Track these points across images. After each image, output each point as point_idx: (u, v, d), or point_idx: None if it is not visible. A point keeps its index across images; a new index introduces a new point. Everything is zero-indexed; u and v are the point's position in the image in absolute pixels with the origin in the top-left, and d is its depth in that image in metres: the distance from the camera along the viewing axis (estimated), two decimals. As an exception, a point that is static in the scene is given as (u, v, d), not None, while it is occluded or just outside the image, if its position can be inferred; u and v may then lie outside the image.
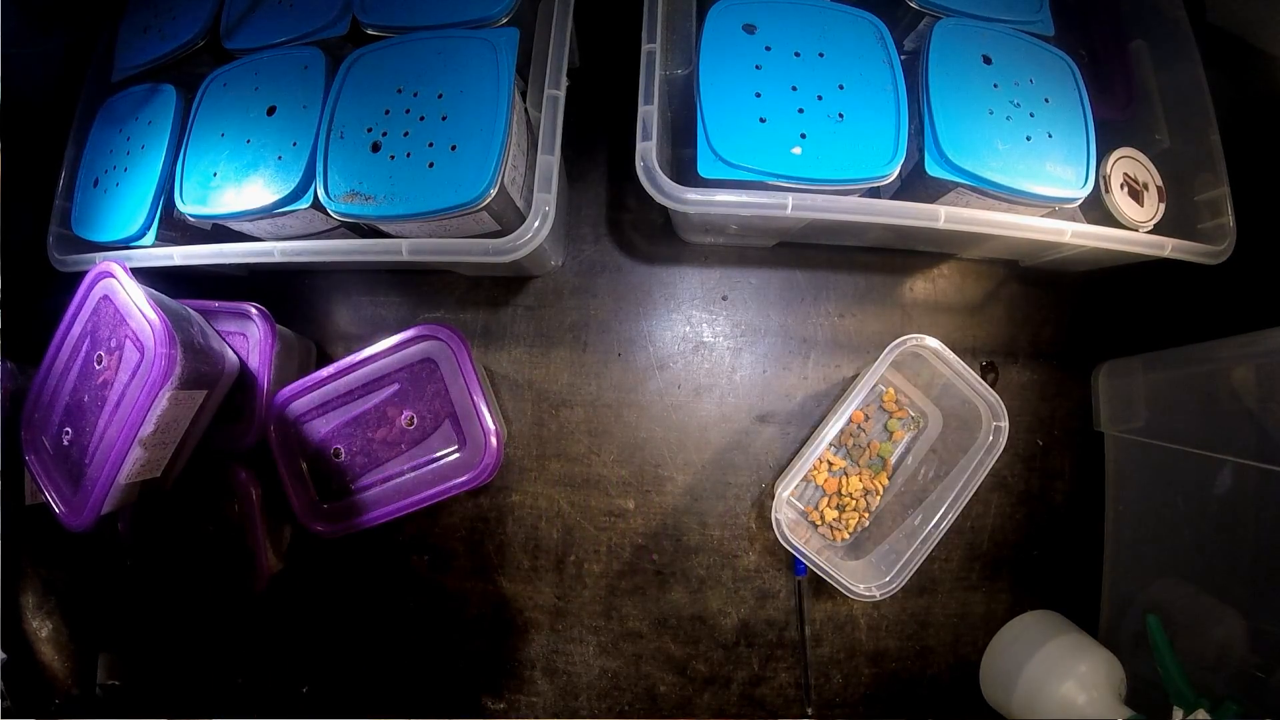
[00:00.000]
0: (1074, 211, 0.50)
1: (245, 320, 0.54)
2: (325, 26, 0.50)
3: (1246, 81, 0.59)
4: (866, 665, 0.60)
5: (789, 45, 0.46)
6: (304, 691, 0.60)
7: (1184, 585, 0.52)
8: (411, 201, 0.44)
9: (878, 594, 0.50)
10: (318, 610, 0.60)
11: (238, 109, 0.50)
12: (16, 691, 0.48)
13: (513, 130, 0.45)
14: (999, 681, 0.57)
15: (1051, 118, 0.47)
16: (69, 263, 0.53)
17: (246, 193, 0.47)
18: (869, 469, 0.58)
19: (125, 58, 0.56)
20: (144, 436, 0.44)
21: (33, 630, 0.50)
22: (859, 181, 0.45)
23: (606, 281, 0.61)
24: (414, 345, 0.53)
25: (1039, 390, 0.61)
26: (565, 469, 0.60)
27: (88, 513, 0.45)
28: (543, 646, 0.59)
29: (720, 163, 0.44)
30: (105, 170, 0.54)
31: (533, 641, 0.59)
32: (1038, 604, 0.60)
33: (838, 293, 0.61)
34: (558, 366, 0.60)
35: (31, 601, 0.51)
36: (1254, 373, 0.48)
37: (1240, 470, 0.48)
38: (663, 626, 0.59)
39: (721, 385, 0.60)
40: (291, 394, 0.53)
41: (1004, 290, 0.62)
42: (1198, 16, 0.56)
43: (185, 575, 0.55)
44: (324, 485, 0.53)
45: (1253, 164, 0.52)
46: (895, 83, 0.46)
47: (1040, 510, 0.61)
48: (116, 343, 0.46)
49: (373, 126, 0.46)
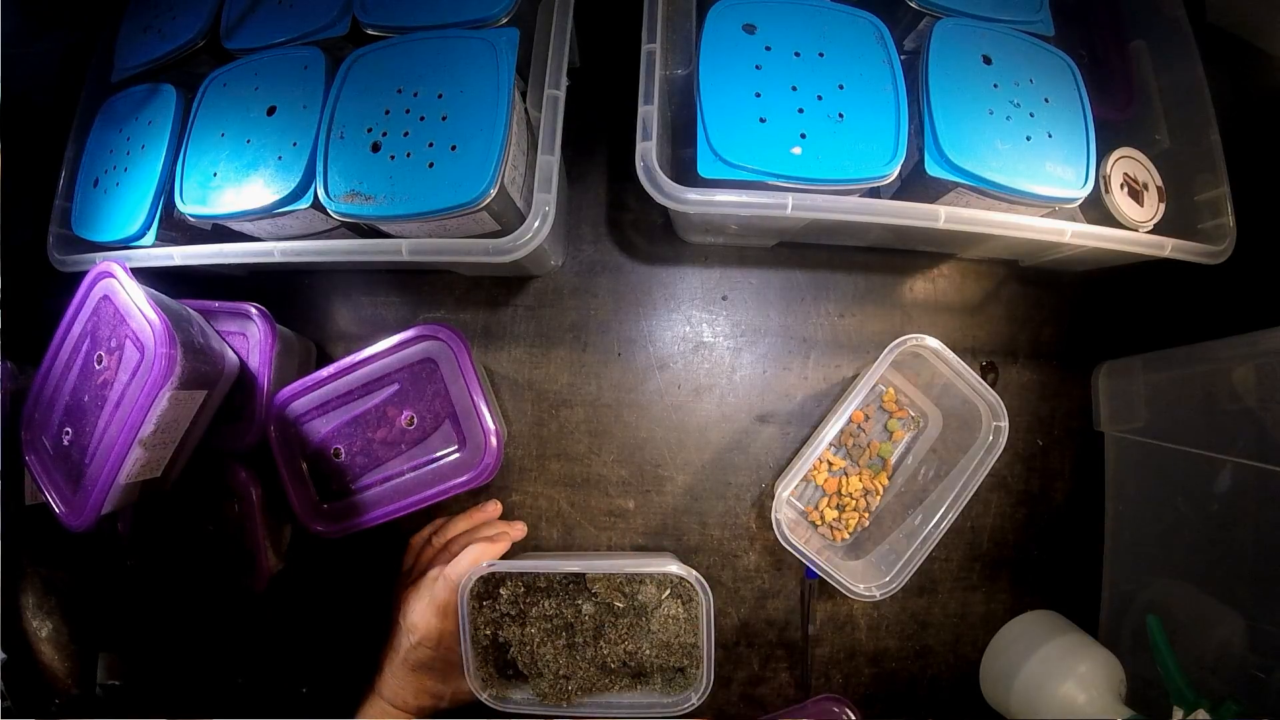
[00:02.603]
0: (1074, 211, 0.50)
1: (245, 320, 0.54)
2: (325, 26, 0.50)
3: (1246, 81, 0.59)
4: (866, 665, 0.60)
5: (789, 45, 0.46)
6: (304, 691, 0.60)
7: (1184, 585, 0.53)
8: (411, 201, 0.44)
9: (878, 594, 0.50)
10: (318, 610, 0.60)
11: (238, 109, 0.50)
12: (16, 691, 0.48)
13: (513, 130, 0.45)
14: (999, 681, 0.57)
15: (1051, 118, 0.47)
16: (69, 263, 0.53)
17: (246, 193, 0.47)
18: (869, 469, 0.58)
19: (125, 58, 0.56)
20: (144, 436, 0.44)
21: (33, 630, 0.50)
22: (859, 181, 0.45)
23: (606, 281, 0.61)
24: (414, 345, 0.53)
25: (1039, 390, 0.61)
26: (565, 469, 0.60)
27: (88, 513, 0.45)
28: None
29: (720, 163, 0.44)
30: (105, 170, 0.54)
31: (533, 641, 0.59)
32: (1038, 604, 0.60)
33: (838, 293, 0.61)
34: (558, 366, 0.60)
35: (31, 601, 0.50)
36: (1254, 373, 0.48)
37: (1240, 470, 0.48)
38: (663, 626, 0.59)
39: (721, 385, 0.60)
40: (291, 394, 0.53)
41: (1004, 290, 0.62)
42: (1198, 16, 0.56)
43: (185, 575, 0.55)
44: (324, 485, 0.53)
45: (1253, 164, 0.52)
46: (895, 83, 0.46)
47: (1040, 510, 0.61)
48: (116, 343, 0.46)
49: (373, 126, 0.46)
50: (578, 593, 0.48)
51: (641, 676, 0.48)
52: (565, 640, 0.47)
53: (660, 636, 0.47)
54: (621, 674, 0.47)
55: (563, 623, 0.47)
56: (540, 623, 0.47)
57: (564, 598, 0.48)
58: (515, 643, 0.47)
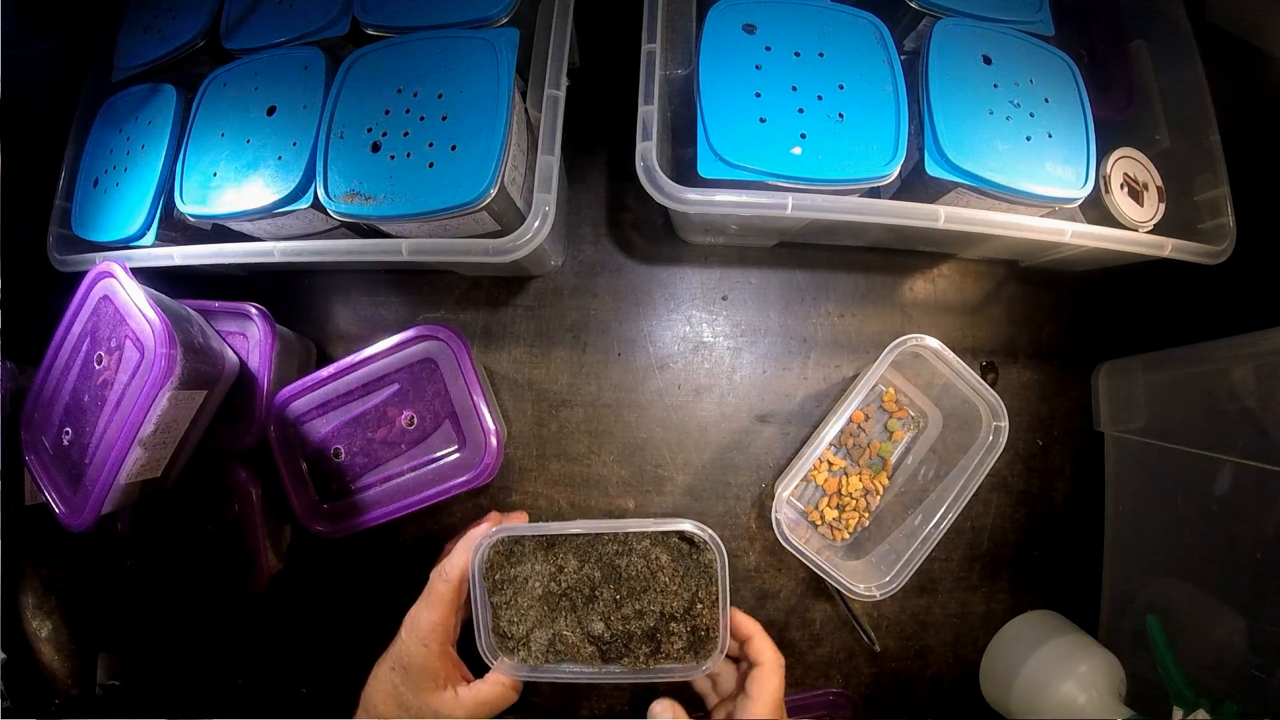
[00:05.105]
0: (1074, 211, 0.50)
1: (245, 320, 0.54)
2: (325, 26, 0.50)
3: (1246, 81, 0.59)
4: (866, 665, 0.60)
5: (789, 45, 0.46)
6: (304, 691, 0.60)
7: (1184, 585, 0.53)
8: (411, 201, 0.44)
9: (878, 594, 0.50)
10: (318, 610, 0.60)
11: (238, 109, 0.50)
12: (16, 691, 0.48)
13: (513, 130, 0.45)
14: (999, 681, 0.57)
15: (1051, 118, 0.47)
16: (69, 263, 0.53)
17: (246, 193, 0.47)
18: (869, 469, 0.58)
19: (125, 58, 0.56)
20: (144, 436, 0.44)
21: (33, 630, 0.50)
22: (859, 181, 0.45)
23: (606, 281, 0.61)
24: (414, 345, 0.53)
25: (1039, 390, 0.61)
26: (565, 469, 0.60)
27: (88, 513, 0.45)
28: (543, 646, 0.59)
29: (720, 163, 0.44)
30: (105, 170, 0.54)
31: (533, 641, 0.59)
32: (1038, 604, 0.60)
33: (838, 293, 0.61)
34: (558, 366, 0.60)
35: (31, 601, 0.50)
36: (1254, 373, 0.48)
37: (1240, 470, 0.48)
38: (663, 626, 0.59)
39: (721, 385, 0.60)
40: (291, 394, 0.53)
41: (1004, 290, 0.62)
42: (1198, 16, 0.56)
43: (185, 575, 0.55)
44: (324, 485, 0.53)
45: (1253, 164, 0.52)
46: (895, 83, 0.46)
47: (1040, 510, 0.61)
48: (116, 343, 0.46)
49: (373, 126, 0.46)
50: (585, 554, 0.46)
51: (651, 641, 0.46)
52: (569, 603, 0.46)
53: (665, 600, 0.45)
54: (624, 640, 0.46)
55: (566, 584, 0.46)
56: (545, 583, 0.45)
57: (570, 559, 0.46)
58: (515, 606, 0.45)
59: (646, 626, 0.45)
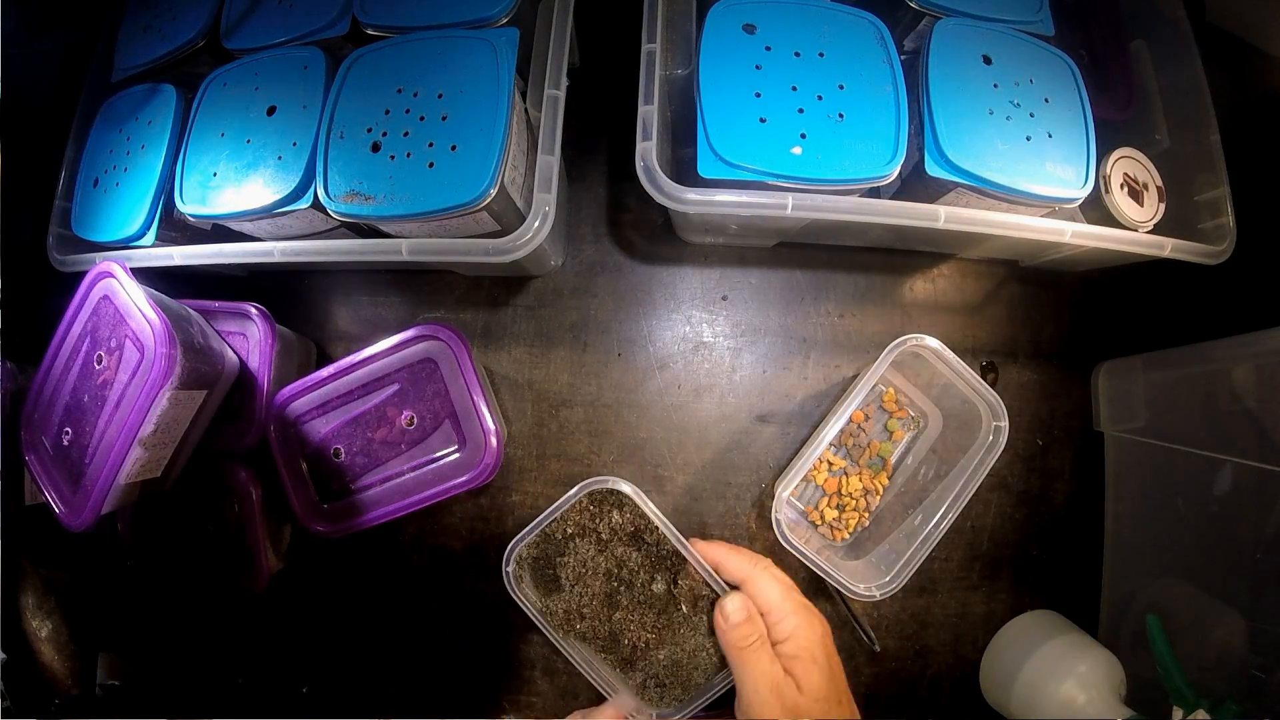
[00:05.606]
0: (1074, 211, 0.50)
1: (245, 320, 0.54)
2: (325, 26, 0.50)
3: (1246, 81, 0.59)
4: (866, 665, 0.60)
5: (789, 45, 0.46)
6: (304, 691, 0.60)
7: (1184, 585, 0.52)
8: (411, 201, 0.44)
9: (878, 594, 0.50)
10: (318, 610, 0.60)
11: (238, 109, 0.50)
12: (16, 691, 0.48)
13: (513, 130, 0.45)
14: (999, 681, 0.57)
15: (1051, 118, 0.47)
16: (69, 263, 0.53)
17: (246, 193, 0.47)
18: (869, 469, 0.58)
19: (125, 58, 0.56)
20: (144, 436, 0.44)
21: (33, 630, 0.50)
22: (859, 181, 0.45)
23: (606, 281, 0.61)
24: (414, 345, 0.53)
25: (1039, 390, 0.61)
26: (565, 469, 0.60)
27: (88, 513, 0.45)
28: (543, 646, 0.59)
29: (720, 163, 0.44)
30: (105, 170, 0.54)
31: (533, 642, 0.59)
32: (1038, 604, 0.60)
33: (838, 293, 0.61)
34: (558, 366, 0.60)
35: (31, 601, 0.50)
36: (1254, 373, 0.48)
37: (1240, 470, 0.48)
38: (663, 626, 0.59)
39: (721, 385, 0.60)
40: (291, 394, 0.53)
41: (1004, 290, 0.62)
42: (1197, 16, 0.56)
43: (185, 575, 0.55)
44: (324, 485, 0.53)
45: (1253, 164, 0.52)
46: (895, 83, 0.46)
47: (1040, 510, 0.61)
48: (116, 343, 0.46)
49: (373, 126, 0.46)
50: (661, 567, 0.46)
51: (635, 667, 0.47)
52: (609, 590, 0.46)
53: (683, 651, 0.46)
54: (624, 650, 0.47)
55: (625, 579, 0.46)
56: (609, 561, 0.46)
57: (648, 562, 0.46)
58: (575, 558, 0.46)
59: (640, 650, 0.46)
